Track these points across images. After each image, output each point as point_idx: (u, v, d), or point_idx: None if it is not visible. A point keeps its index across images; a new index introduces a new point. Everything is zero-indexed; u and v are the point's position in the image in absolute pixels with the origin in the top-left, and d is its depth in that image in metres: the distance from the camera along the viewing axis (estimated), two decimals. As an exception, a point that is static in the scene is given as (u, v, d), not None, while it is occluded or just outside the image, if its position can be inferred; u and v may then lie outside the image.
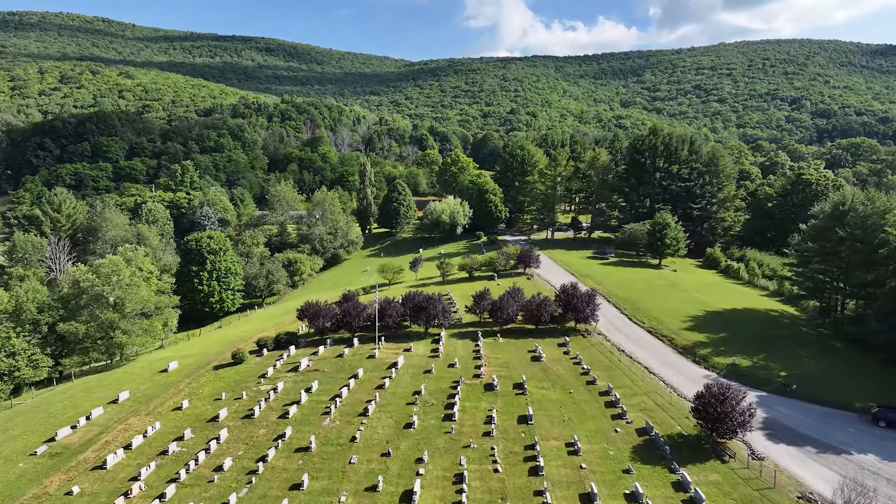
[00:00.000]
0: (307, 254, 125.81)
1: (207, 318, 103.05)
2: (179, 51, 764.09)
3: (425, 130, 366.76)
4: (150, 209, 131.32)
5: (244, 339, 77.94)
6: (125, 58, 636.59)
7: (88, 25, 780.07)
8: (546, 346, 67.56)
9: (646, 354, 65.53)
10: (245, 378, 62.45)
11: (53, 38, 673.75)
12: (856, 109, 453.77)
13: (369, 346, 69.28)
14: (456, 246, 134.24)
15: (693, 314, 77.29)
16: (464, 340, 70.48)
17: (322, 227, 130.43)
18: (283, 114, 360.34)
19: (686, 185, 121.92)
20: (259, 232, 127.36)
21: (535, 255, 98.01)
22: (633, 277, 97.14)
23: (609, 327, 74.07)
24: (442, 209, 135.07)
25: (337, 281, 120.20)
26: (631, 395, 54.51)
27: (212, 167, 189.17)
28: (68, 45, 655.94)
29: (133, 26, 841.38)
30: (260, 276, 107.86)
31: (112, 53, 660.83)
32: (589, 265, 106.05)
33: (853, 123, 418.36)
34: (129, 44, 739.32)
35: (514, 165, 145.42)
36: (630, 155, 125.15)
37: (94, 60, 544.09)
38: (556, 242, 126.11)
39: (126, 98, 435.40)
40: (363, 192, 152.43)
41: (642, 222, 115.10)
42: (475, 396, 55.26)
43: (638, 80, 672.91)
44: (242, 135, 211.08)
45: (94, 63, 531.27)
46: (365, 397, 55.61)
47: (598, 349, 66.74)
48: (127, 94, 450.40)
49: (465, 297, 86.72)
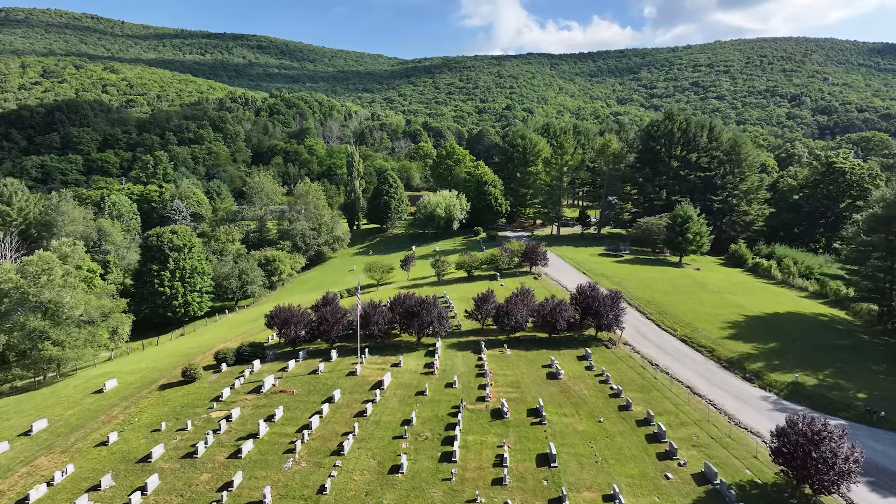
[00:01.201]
0: (287, 251, 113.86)
1: (171, 323, 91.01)
2: (169, 48, 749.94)
3: (419, 126, 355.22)
4: (114, 202, 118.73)
5: (204, 349, 65.99)
6: (113, 55, 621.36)
7: (76, 22, 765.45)
8: (564, 359, 56.10)
9: (685, 370, 54.16)
10: (195, 402, 50.55)
11: (40, 34, 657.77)
12: (857, 106, 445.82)
13: (350, 359, 57.55)
14: (452, 242, 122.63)
15: (731, 319, 66.08)
16: (464, 352, 58.87)
17: (304, 222, 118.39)
18: (272, 108, 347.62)
19: (705, 175, 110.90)
20: (235, 228, 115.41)
21: (542, 251, 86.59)
22: (655, 277, 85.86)
23: (635, 336, 62.70)
24: (437, 202, 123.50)
25: (320, 281, 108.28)
26: (678, 426, 43.10)
27: (190, 159, 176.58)
28: (55, 41, 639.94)
29: (122, 23, 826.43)
30: (231, 275, 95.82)
31: (100, 50, 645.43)
32: (602, 263, 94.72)
33: (855, 120, 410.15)
34: (117, 41, 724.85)
35: (514, 156, 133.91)
36: (644, 142, 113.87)
37: (81, 57, 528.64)
38: (563, 238, 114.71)
39: (110, 93, 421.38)
40: (351, 185, 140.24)
41: (658, 216, 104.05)
42: (480, 427, 43.69)
43: (634, 78, 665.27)
44: (224, 126, 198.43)
45: (79, 58, 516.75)
46: (341, 428, 43.93)
47: (626, 363, 55.31)
48: (111, 88, 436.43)
49: (464, 300, 75.15)
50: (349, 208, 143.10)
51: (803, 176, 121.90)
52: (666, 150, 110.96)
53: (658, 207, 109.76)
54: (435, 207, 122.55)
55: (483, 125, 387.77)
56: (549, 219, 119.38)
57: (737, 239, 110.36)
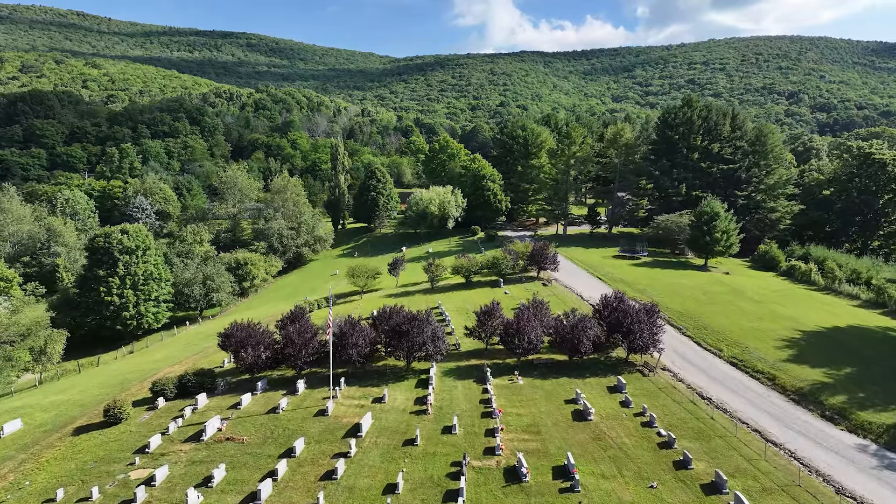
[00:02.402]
0: (262, 253, 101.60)
1: (123, 337, 78.56)
2: (157, 45, 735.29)
3: (410, 122, 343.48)
4: (68, 199, 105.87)
5: (145, 375, 53.84)
6: (98, 52, 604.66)
7: (61, 19, 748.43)
8: (591, 390, 44.53)
9: (746, 405, 42.72)
10: (112, 454, 38.49)
11: (24, 30, 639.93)
12: (856, 103, 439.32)
13: (321, 392, 45.67)
14: (447, 243, 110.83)
15: (785, 336, 54.83)
16: (465, 382, 47.14)
17: (282, 220, 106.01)
18: (258, 103, 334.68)
19: (728, 167, 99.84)
20: (203, 227, 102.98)
21: (551, 254, 74.93)
22: (681, 283, 74.52)
23: (674, 357, 51.23)
24: (429, 199, 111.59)
25: (298, 287, 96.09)
26: (761, 494, 31.58)
27: (163, 154, 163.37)
28: (39, 37, 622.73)
29: (108, 20, 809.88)
30: (194, 282, 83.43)
31: (85, 47, 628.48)
32: (618, 267, 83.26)
33: (855, 117, 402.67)
34: (103, 38, 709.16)
35: (514, 148, 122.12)
36: (660, 131, 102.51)
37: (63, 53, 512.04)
38: (571, 238, 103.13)
39: (90, 88, 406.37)
40: (335, 180, 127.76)
41: (678, 213, 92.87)
42: (491, 497, 31.99)
43: (629, 76, 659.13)
44: (203, 119, 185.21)
45: (61, 53, 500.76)
46: (300, 499, 32.10)
47: (670, 396, 43.80)
48: (91, 84, 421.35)
49: (462, 312, 63.48)
50: (333, 206, 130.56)
51: (831, 169, 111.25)
52: (684, 140, 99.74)
53: (676, 204, 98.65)
54: (427, 204, 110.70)
55: (477, 121, 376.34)
56: (554, 216, 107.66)
57: (762, 239, 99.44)
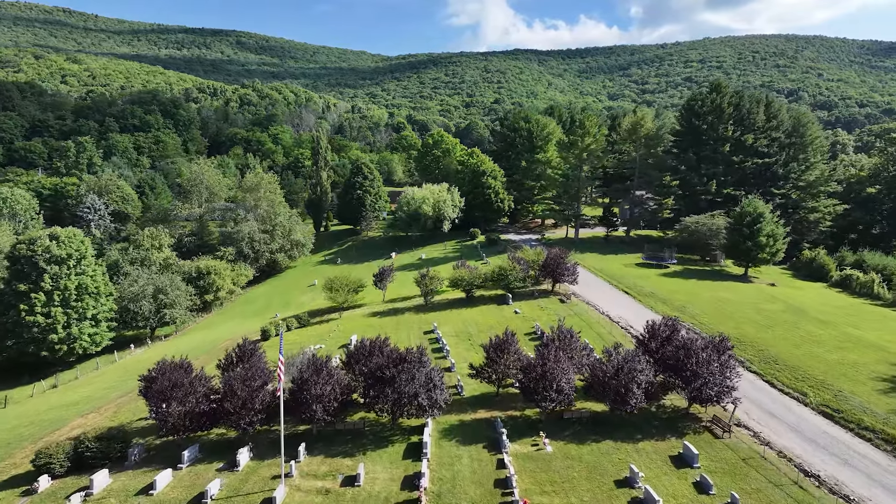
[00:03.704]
0: (230, 260, 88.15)
1: (55, 364, 65.07)
2: (144, 42, 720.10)
3: (402, 119, 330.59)
4: (6, 198, 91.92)
5: (47, 430, 40.60)
6: (83, 48, 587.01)
7: (47, 16, 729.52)
8: (649, 463, 31.76)
9: (871, 487, 30.05)
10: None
11: (7, 27, 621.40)
12: (857, 101, 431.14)
13: (270, 466, 32.58)
14: (443, 248, 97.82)
15: (883, 373, 42.43)
16: (472, 448, 34.16)
17: (254, 222, 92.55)
18: (242, 99, 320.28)
19: (764, 162, 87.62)
20: (164, 230, 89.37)
21: (570, 264, 62.15)
22: (725, 298, 62.02)
23: (747, 406, 38.45)
24: (422, 198, 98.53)
25: (270, 300, 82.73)
26: None
27: (131, 149, 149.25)
28: (22, 34, 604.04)
29: (95, 17, 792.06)
30: (142, 296, 69.92)
31: (70, 44, 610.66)
32: (645, 277, 70.60)
33: (857, 115, 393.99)
34: (90, 35, 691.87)
35: (517, 142, 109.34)
36: (686, 120, 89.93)
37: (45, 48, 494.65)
38: (584, 243, 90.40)
39: (69, 83, 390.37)
40: (316, 177, 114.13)
41: (709, 214, 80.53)
42: None
43: (624, 74, 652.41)
44: (177, 112, 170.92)
45: (42, 49, 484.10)
46: None
47: (762, 473, 31.04)
48: (71, 79, 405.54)
49: (465, 338, 50.63)
50: (315, 206, 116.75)
51: (871, 164, 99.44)
52: (713, 130, 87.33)
53: (704, 203, 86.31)
54: (420, 204, 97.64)
55: (471, 118, 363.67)
56: (563, 218, 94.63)
57: (800, 243, 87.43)
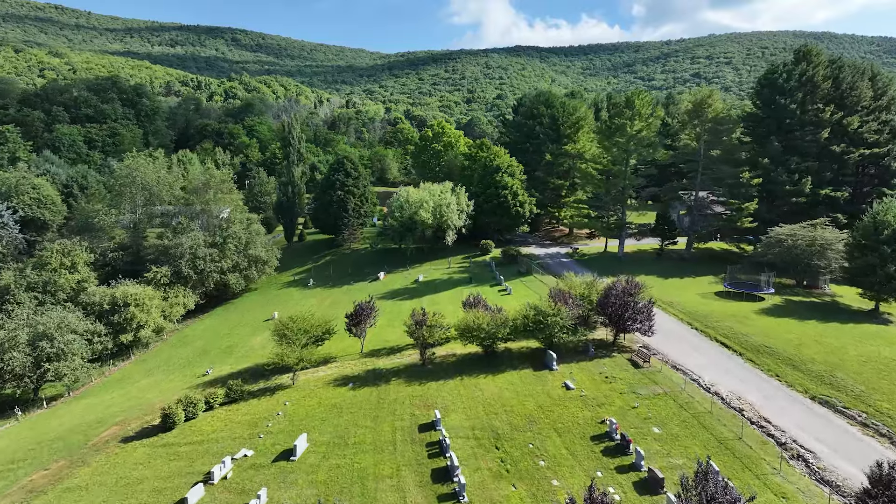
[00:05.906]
0: (164, 284, 66.34)
1: None
2: (137, 40, 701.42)
3: (400, 114, 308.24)
4: None
5: None
6: (74, 45, 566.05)
7: (38, 13, 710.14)
8: None
9: None
10: None
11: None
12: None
13: None
14: (445, 266, 75.94)
15: None
16: None
17: (199, 233, 70.86)
18: (228, 92, 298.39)
19: (872, 153, 65.99)
20: (79, 244, 67.63)
21: (644, 305, 40.35)
22: (888, 357, 40.13)
23: None
24: (420, 200, 76.62)
25: (210, 343, 60.42)
26: None
27: (80, 142, 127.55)
28: (11, 30, 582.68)
29: (88, 14, 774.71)
30: (16, 345, 48.11)
31: (61, 41, 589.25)
32: (742, 318, 48.50)
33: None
34: (81, 32, 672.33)
35: (537, 130, 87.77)
36: (765, 99, 68.31)
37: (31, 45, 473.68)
38: (632, 261, 68.43)
39: (47, 77, 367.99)
40: (288, 174, 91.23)
41: (809, 224, 58.82)
42: None
43: (629, 71, 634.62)
44: (140, 101, 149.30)
45: (23, 43, 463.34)
46: None
47: None
48: (49, 73, 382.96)
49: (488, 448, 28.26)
50: (286, 210, 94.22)
51: None
52: (803, 112, 65.80)
53: (787, 207, 64.71)
54: (417, 209, 75.83)
55: (473, 114, 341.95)
56: (604, 227, 72.26)
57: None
